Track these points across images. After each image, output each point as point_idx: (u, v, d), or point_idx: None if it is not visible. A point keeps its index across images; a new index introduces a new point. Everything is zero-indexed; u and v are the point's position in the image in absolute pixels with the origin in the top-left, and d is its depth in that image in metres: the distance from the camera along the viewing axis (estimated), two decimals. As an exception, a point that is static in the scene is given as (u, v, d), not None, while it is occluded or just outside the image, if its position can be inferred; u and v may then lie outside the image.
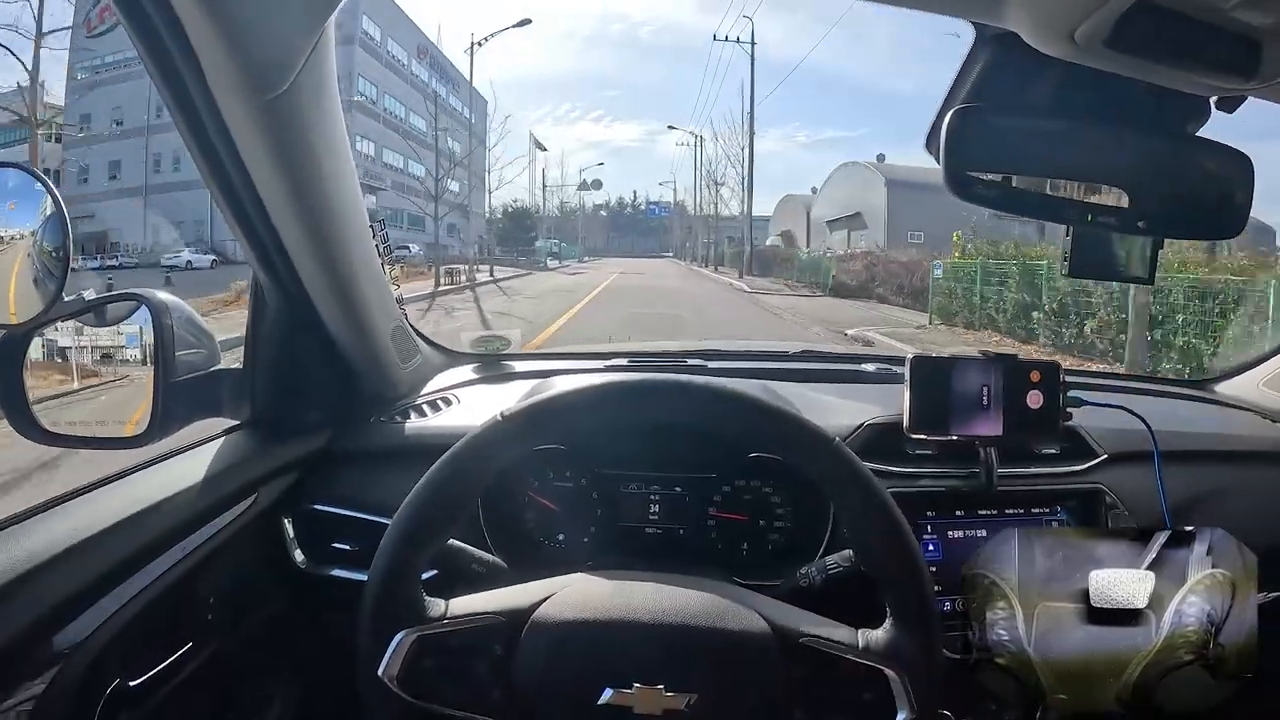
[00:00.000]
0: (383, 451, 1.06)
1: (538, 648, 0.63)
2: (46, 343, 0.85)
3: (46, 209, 0.76)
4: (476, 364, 1.36)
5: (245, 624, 0.93)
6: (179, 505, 0.83)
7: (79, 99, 25.02)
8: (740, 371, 1.32)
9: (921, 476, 1.03)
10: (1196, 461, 1.13)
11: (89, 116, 25.36)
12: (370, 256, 1.01)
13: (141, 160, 19.46)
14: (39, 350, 0.84)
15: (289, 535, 0.98)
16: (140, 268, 20.30)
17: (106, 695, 0.73)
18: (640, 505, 1.05)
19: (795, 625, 0.64)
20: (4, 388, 0.78)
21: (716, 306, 14.05)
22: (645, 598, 0.65)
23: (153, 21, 0.66)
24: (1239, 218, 0.60)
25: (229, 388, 0.95)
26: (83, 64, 24.60)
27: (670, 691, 0.60)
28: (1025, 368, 1.00)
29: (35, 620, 0.65)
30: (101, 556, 0.72)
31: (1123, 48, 0.48)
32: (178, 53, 0.69)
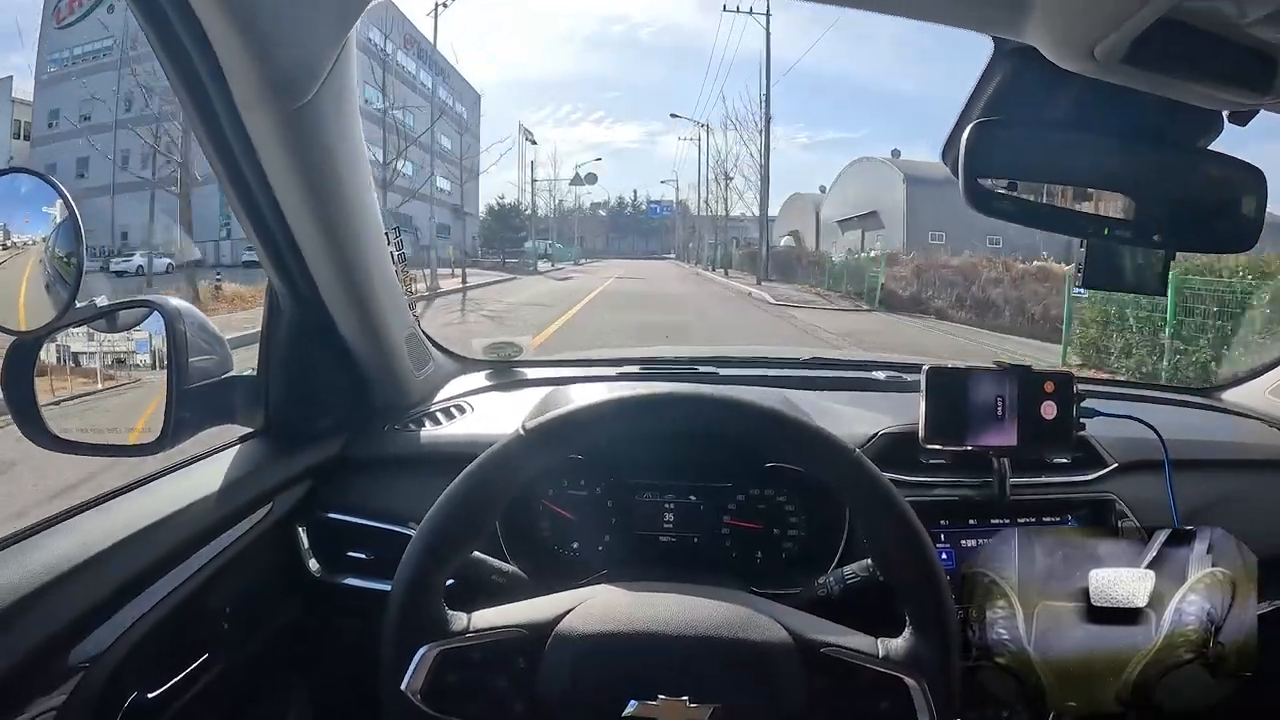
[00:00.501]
0: (397, 460, 1.06)
1: (561, 660, 0.63)
2: (59, 349, 0.85)
3: (59, 214, 0.77)
4: (489, 370, 1.36)
5: (261, 634, 0.93)
6: (195, 515, 0.83)
7: (48, 93, 23.65)
8: (752, 379, 1.32)
9: (935, 486, 1.03)
10: (1206, 470, 1.14)
11: (58, 112, 23.47)
12: (385, 263, 1.01)
13: (113, 155, 18.38)
14: (51, 357, 0.84)
15: (303, 544, 0.98)
16: (87, 273, 19.10)
17: (125, 708, 0.73)
18: (655, 514, 1.05)
19: (816, 635, 0.64)
20: (16, 394, 0.79)
21: (742, 325, 11.41)
22: (668, 609, 0.65)
23: (177, 33, 0.67)
24: (1252, 230, 0.61)
25: (242, 394, 0.95)
26: (52, 56, 23.41)
27: (694, 703, 0.60)
28: (1039, 378, 1.01)
29: (54, 633, 0.65)
30: (119, 568, 0.73)
31: (1141, 64, 0.48)
32: (202, 64, 0.69)
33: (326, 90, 0.74)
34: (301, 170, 0.80)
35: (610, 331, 9.53)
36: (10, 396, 0.79)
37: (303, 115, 0.74)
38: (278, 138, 0.76)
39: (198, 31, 0.66)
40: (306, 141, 0.78)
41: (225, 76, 0.70)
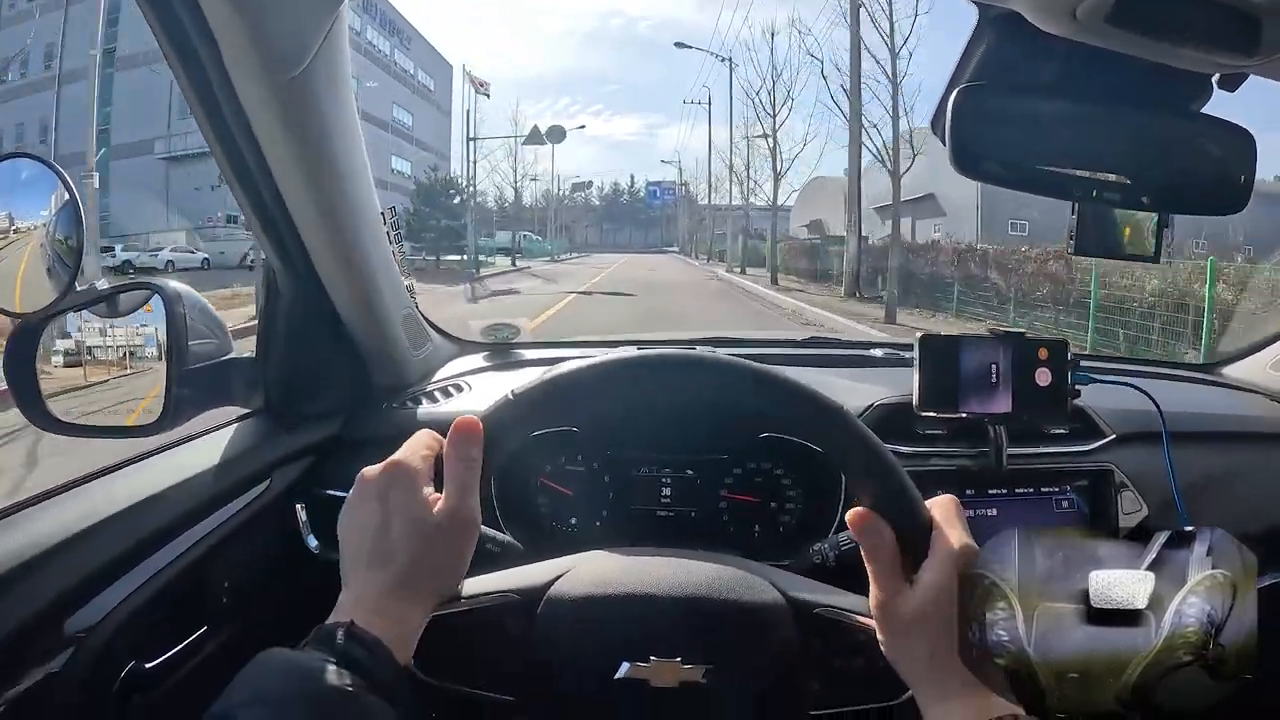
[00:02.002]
0: (394, 437, 1.05)
1: (554, 624, 0.63)
2: (59, 332, 0.86)
3: (60, 198, 0.77)
4: (486, 351, 1.37)
5: (259, 608, 0.94)
6: (192, 490, 0.84)
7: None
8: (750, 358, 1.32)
9: (932, 456, 1.04)
10: (1205, 442, 1.14)
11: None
12: (382, 243, 1.02)
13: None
14: (52, 340, 0.85)
15: (302, 520, 0.99)
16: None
17: (122, 678, 0.74)
18: (652, 488, 1.05)
19: (809, 596, 0.65)
20: (17, 378, 0.79)
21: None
22: (659, 572, 0.65)
23: (172, 8, 0.67)
24: (1242, 193, 0.61)
25: (241, 376, 0.96)
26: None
27: (687, 663, 0.60)
28: (1033, 345, 1.01)
29: (51, 603, 0.66)
30: (116, 541, 0.73)
31: (1124, 24, 0.48)
32: (196, 34, 0.69)
33: (320, 61, 0.74)
34: (296, 144, 0.80)
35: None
36: (13, 379, 0.80)
37: (296, 86, 0.74)
38: (272, 109, 0.76)
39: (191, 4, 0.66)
40: (301, 113, 0.78)
41: (218, 46, 0.70)
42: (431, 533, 0.57)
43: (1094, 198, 0.59)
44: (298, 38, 0.71)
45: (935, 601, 0.54)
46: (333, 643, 0.50)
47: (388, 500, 0.58)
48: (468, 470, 0.59)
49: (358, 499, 0.59)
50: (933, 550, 0.56)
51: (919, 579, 0.56)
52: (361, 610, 0.54)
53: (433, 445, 0.61)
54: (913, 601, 0.55)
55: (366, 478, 0.59)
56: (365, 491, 0.59)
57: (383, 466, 0.59)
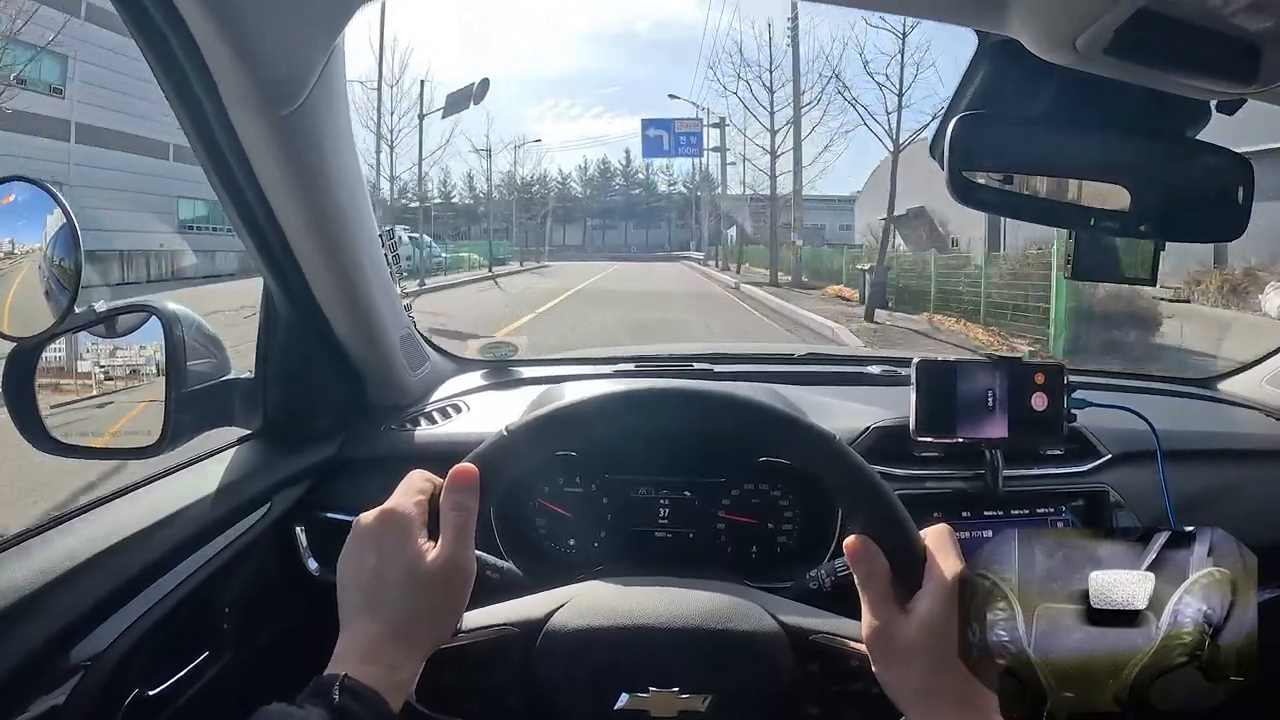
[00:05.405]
0: (393, 459, 1.06)
1: (553, 656, 0.63)
2: (58, 354, 0.85)
3: (56, 222, 0.77)
4: (485, 370, 1.36)
5: (260, 632, 0.94)
6: (193, 516, 0.84)
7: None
8: (746, 375, 1.33)
9: (927, 479, 1.04)
10: (1201, 460, 1.14)
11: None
12: (379, 264, 1.02)
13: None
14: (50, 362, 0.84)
15: (302, 544, 0.99)
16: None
17: (125, 705, 0.73)
18: (650, 510, 1.05)
19: (805, 622, 0.65)
20: (16, 400, 0.79)
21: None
22: (656, 602, 0.65)
23: (167, 39, 0.67)
24: (1240, 220, 0.61)
25: (240, 397, 0.96)
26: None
27: (685, 693, 0.60)
28: (1030, 370, 1.01)
29: (55, 632, 0.66)
30: (118, 568, 0.73)
31: (1123, 55, 0.49)
32: (192, 70, 0.69)
33: (316, 96, 0.74)
34: (294, 175, 0.81)
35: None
36: (12, 402, 0.79)
37: (293, 121, 0.75)
38: (269, 145, 0.76)
39: (186, 39, 0.66)
40: (298, 148, 0.78)
41: (215, 82, 0.70)
42: (426, 582, 0.57)
43: (1092, 226, 0.59)
44: (294, 74, 0.72)
45: (929, 630, 0.54)
46: (329, 696, 0.51)
47: (383, 549, 0.58)
48: (463, 518, 0.59)
49: (355, 545, 0.59)
50: (926, 579, 0.56)
51: (912, 607, 0.56)
52: (356, 657, 0.55)
53: (426, 488, 0.61)
54: (906, 630, 0.55)
55: (362, 524, 0.59)
56: (362, 538, 0.59)
57: (377, 514, 0.59)
